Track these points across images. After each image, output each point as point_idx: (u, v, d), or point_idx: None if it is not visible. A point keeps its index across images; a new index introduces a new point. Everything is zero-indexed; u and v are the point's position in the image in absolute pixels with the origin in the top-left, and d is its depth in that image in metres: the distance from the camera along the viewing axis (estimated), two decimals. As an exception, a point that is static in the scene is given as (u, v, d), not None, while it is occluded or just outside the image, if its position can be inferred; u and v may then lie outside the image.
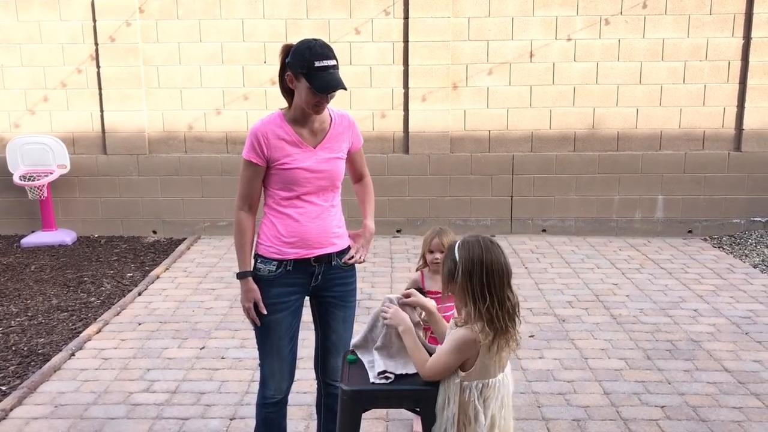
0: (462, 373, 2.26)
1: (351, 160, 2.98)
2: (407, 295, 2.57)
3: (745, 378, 4.04)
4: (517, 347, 2.30)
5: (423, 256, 3.42)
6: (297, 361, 2.97)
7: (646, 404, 3.74)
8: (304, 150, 2.76)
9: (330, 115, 2.85)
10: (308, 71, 2.61)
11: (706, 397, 3.81)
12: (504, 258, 2.23)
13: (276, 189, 2.80)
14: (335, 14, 7.07)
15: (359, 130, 2.99)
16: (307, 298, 2.94)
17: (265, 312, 2.81)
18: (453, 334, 2.27)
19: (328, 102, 2.72)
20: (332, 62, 2.63)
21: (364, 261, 2.98)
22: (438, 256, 3.29)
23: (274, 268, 2.80)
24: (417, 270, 3.47)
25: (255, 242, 2.87)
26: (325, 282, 2.88)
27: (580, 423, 3.55)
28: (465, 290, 2.22)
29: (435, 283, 3.32)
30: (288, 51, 2.71)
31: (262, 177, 2.80)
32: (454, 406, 2.28)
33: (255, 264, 2.84)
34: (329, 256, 2.85)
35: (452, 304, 3.26)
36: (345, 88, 2.66)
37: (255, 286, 2.81)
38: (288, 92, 2.78)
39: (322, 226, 2.82)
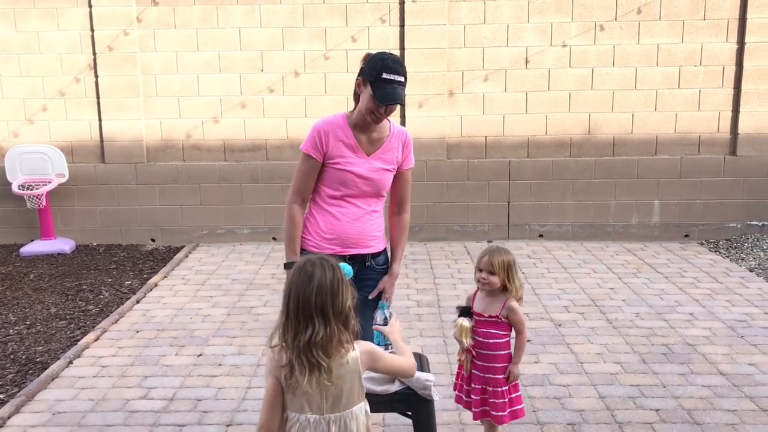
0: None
1: (395, 180, 3.03)
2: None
3: (740, 381, 4.06)
4: (318, 386, 2.04)
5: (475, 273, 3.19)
6: None
7: (641, 408, 3.75)
8: (359, 156, 2.90)
9: (390, 128, 2.97)
10: (375, 80, 2.74)
11: (701, 401, 3.82)
12: (309, 291, 2.02)
13: (324, 186, 2.93)
14: (331, 22, 7.11)
15: (412, 152, 3.05)
16: None
17: None
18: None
19: (386, 114, 2.83)
20: (399, 78, 2.76)
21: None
22: (485, 275, 3.04)
23: None
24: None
25: None
26: (357, 282, 2.92)
27: (575, 427, 3.57)
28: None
29: (483, 305, 3.12)
30: (368, 54, 2.90)
31: (317, 172, 2.92)
32: None
33: None
34: (363, 256, 2.97)
35: (496, 331, 3.07)
36: (402, 104, 2.80)
37: None
38: (357, 97, 2.92)
39: (360, 228, 2.95)
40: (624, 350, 4.54)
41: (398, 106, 2.85)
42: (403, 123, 7.25)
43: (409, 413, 2.71)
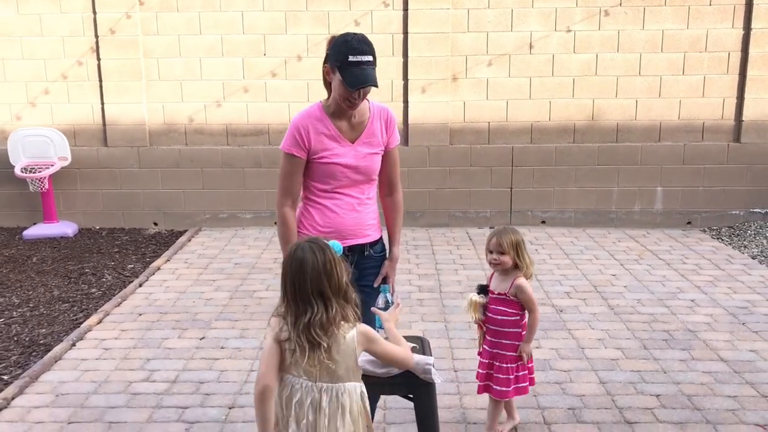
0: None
1: (383, 161, 2.93)
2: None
3: (741, 367, 4.07)
4: (316, 364, 2.12)
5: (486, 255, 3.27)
6: None
7: (642, 393, 3.77)
8: (343, 144, 2.79)
9: (369, 108, 2.85)
10: (342, 65, 2.61)
11: (701, 386, 3.83)
12: (301, 276, 2.09)
13: (313, 181, 2.85)
14: (335, 6, 7.07)
15: (396, 126, 2.94)
16: None
17: None
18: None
19: (362, 98, 2.71)
20: (367, 58, 2.61)
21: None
22: (495, 256, 3.14)
23: None
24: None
25: None
26: (358, 272, 2.93)
27: (576, 411, 3.58)
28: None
29: (496, 283, 3.22)
30: (333, 37, 2.73)
31: (302, 170, 2.83)
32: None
33: None
34: (363, 246, 2.92)
35: (505, 309, 3.16)
36: (376, 85, 2.66)
37: None
38: (328, 84, 2.79)
39: (357, 218, 2.89)
40: (625, 336, 4.55)
41: (373, 87, 2.70)
42: (405, 108, 7.23)
43: (411, 396, 2.72)
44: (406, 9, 7.05)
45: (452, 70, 7.18)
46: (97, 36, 7.15)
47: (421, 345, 2.72)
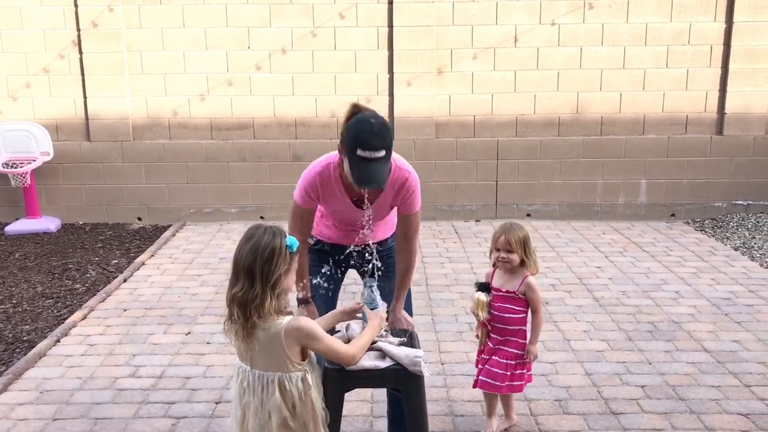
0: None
1: (398, 219, 2.87)
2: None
3: (724, 357, 4.11)
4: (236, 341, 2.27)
5: (491, 253, 3.18)
6: None
7: (627, 384, 3.80)
8: (351, 208, 2.76)
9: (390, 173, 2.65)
10: (350, 155, 2.43)
11: (686, 377, 3.87)
12: (243, 250, 2.19)
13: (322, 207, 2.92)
14: (319, -1, 7.04)
15: (415, 196, 2.77)
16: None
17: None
18: None
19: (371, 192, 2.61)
20: (378, 153, 2.41)
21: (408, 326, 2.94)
22: (504, 255, 3.07)
23: (313, 242, 2.93)
24: (493, 266, 3.23)
25: None
26: (362, 259, 2.97)
27: (562, 403, 3.60)
28: None
29: (501, 281, 3.16)
30: (353, 113, 2.55)
31: (313, 213, 2.84)
32: None
33: None
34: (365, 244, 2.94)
35: (512, 306, 3.13)
36: (382, 188, 2.53)
37: (314, 308, 2.87)
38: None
39: (351, 235, 2.92)
40: (610, 328, 4.59)
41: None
42: (391, 102, 7.22)
43: (399, 389, 2.72)
44: (390, 2, 7.03)
45: (437, 64, 7.18)
46: (79, 29, 7.07)
47: (410, 338, 2.72)
